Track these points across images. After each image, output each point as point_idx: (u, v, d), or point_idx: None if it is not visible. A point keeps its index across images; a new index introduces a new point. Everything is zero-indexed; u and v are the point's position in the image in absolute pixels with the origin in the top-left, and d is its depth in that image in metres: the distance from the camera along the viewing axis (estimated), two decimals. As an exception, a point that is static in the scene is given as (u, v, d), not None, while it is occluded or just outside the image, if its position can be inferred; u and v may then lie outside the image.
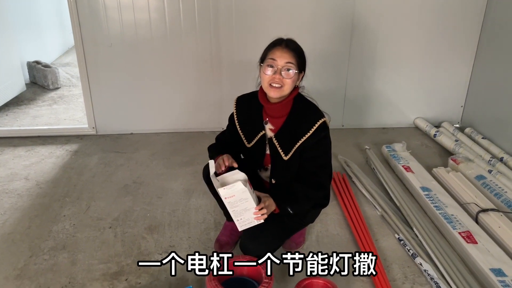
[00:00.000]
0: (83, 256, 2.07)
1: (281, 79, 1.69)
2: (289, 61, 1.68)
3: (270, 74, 1.70)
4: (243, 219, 1.65)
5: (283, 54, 1.69)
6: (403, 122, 3.61)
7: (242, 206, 1.62)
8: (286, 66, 1.69)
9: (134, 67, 3.27)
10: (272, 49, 1.72)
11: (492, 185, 2.49)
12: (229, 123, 1.98)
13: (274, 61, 1.69)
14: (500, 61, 3.11)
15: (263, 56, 1.76)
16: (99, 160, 3.02)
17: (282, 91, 1.71)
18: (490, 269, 1.86)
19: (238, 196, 1.59)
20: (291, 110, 1.79)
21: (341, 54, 3.30)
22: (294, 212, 1.78)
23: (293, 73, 1.70)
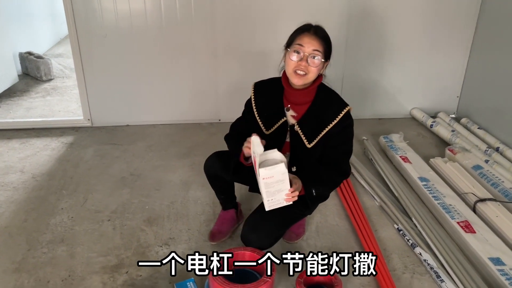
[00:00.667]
0: (82, 249, 2.05)
1: (307, 66, 1.66)
2: (316, 48, 1.65)
3: (296, 60, 1.67)
4: (274, 199, 1.62)
5: (311, 41, 1.65)
6: (399, 113, 3.62)
7: (277, 187, 1.60)
8: (313, 54, 1.66)
9: (130, 58, 3.23)
10: (300, 34, 1.68)
11: (489, 175, 2.50)
12: (245, 109, 1.93)
13: (301, 47, 1.66)
14: (496, 52, 3.11)
15: (290, 41, 1.72)
16: (95, 152, 2.99)
17: (306, 78, 1.69)
18: (488, 258, 1.88)
19: (277, 177, 1.57)
20: (315, 98, 1.78)
21: (338, 44, 3.27)
22: (316, 195, 1.77)
23: (319, 61, 1.67)
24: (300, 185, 1.70)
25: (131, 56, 3.22)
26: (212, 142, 3.16)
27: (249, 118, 1.90)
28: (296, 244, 2.10)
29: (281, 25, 3.14)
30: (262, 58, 3.26)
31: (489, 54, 3.21)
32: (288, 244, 2.09)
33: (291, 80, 1.73)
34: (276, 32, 3.16)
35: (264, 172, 1.54)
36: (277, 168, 1.54)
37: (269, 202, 1.63)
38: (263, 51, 3.25)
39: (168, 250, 2.05)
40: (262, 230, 1.79)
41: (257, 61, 3.29)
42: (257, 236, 1.80)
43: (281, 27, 3.17)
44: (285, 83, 1.79)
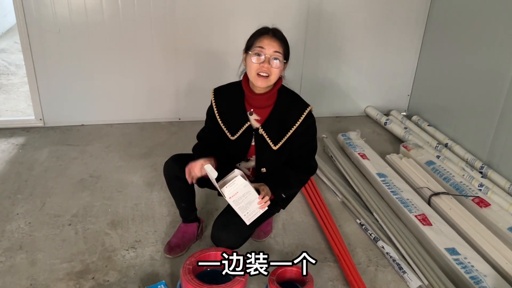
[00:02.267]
0: (43, 256, 1.97)
1: (269, 68, 1.68)
2: (277, 50, 1.68)
3: (258, 63, 1.69)
4: (249, 212, 1.67)
5: (271, 43, 1.67)
6: (355, 111, 3.75)
7: (246, 200, 1.65)
8: (274, 55, 1.68)
9: (85, 55, 3.10)
10: (259, 37, 1.70)
11: (441, 170, 2.66)
12: (207, 117, 1.92)
13: (262, 49, 1.67)
14: (444, 53, 3.30)
15: (249, 44, 1.73)
16: (49, 153, 2.86)
17: (269, 80, 1.71)
18: (445, 248, 2.01)
19: (241, 191, 1.62)
20: (277, 100, 1.80)
21: (297, 45, 3.34)
22: (286, 196, 1.84)
23: (280, 63, 1.70)
24: (268, 189, 1.74)
25: (87, 53, 3.10)
26: (173, 141, 3.12)
27: (212, 126, 1.89)
28: (264, 242, 2.14)
29: (240, 26, 3.17)
30: (222, 57, 3.26)
31: (437, 55, 3.40)
32: (256, 243, 2.12)
33: (255, 83, 1.74)
34: (235, 32, 3.18)
35: (227, 190, 1.61)
36: (236, 182, 1.61)
37: (246, 216, 1.68)
38: (223, 50, 3.25)
39: (135, 254, 2.01)
40: (232, 229, 1.79)
41: (217, 60, 3.28)
42: (228, 235, 1.80)
43: (239, 28, 3.21)
44: (246, 88, 1.80)
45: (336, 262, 2.01)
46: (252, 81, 1.75)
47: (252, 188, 1.65)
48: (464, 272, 1.86)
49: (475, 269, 1.88)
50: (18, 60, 4.69)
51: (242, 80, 1.82)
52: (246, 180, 1.63)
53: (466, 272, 1.86)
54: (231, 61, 3.23)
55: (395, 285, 1.89)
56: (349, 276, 1.86)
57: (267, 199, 1.68)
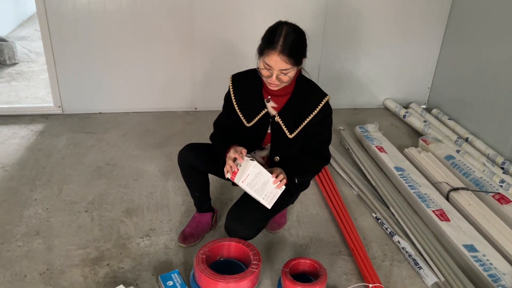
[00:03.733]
0: (60, 242, 2.00)
1: (279, 79, 1.65)
2: (284, 68, 1.61)
3: (267, 76, 1.66)
4: (267, 194, 1.65)
5: (278, 62, 1.59)
6: (373, 103, 3.68)
7: (260, 181, 1.63)
8: (282, 72, 1.63)
9: (103, 43, 3.11)
10: (267, 50, 1.60)
11: (460, 165, 2.60)
12: (224, 103, 1.89)
13: (268, 66, 1.62)
14: (466, 45, 3.21)
15: (260, 51, 1.66)
16: (67, 141, 2.89)
17: (280, 86, 1.70)
18: (463, 245, 1.96)
19: (252, 172, 1.61)
20: (295, 89, 1.77)
21: (315, 35, 3.29)
22: (299, 182, 1.84)
23: (291, 74, 1.65)
24: (281, 170, 1.72)
25: (105, 42, 3.11)
26: (189, 131, 3.12)
27: (230, 113, 1.87)
28: (278, 234, 2.12)
29: (257, 15, 3.13)
30: (238, 47, 3.23)
31: (459, 47, 3.31)
32: (270, 234, 2.11)
33: (268, 86, 1.72)
34: (252, 22, 3.15)
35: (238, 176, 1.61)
36: (247, 165, 1.60)
37: (264, 199, 1.66)
38: (239, 40, 3.22)
39: (149, 242, 2.02)
40: (246, 220, 1.79)
41: (234, 50, 3.25)
42: (242, 226, 1.79)
43: (256, 17, 3.17)
44: None
45: (350, 256, 1.99)
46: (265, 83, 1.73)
47: (263, 168, 1.63)
48: (482, 269, 1.82)
49: (494, 267, 1.84)
50: (39, 47, 4.74)
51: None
52: (254, 161, 1.61)
53: (484, 270, 1.81)
54: (247, 50, 3.18)
55: (411, 281, 1.86)
56: (364, 270, 1.84)
57: (282, 178, 1.66)
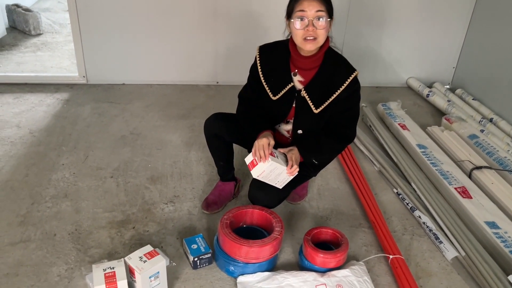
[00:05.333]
0: (87, 205, 2.06)
1: (315, 30, 1.62)
2: (319, 9, 1.61)
3: (302, 28, 1.63)
4: (279, 181, 1.74)
5: (311, 3, 1.60)
6: (396, 82, 3.64)
7: (274, 173, 1.70)
8: (317, 15, 1.61)
9: (127, 15, 3.13)
10: (297, 1, 1.63)
11: (484, 144, 2.57)
12: (250, 75, 1.88)
13: (304, 13, 1.61)
14: (495, 25, 3.14)
15: (289, 11, 1.67)
16: (92, 110, 2.94)
17: (317, 42, 1.65)
18: (484, 222, 1.96)
19: (267, 169, 1.66)
20: (323, 63, 1.75)
21: (340, 12, 3.24)
22: (318, 163, 1.84)
23: (325, 22, 1.63)
24: (296, 154, 1.74)
25: (129, 14, 3.12)
26: (211, 104, 3.14)
27: (255, 85, 1.86)
28: (299, 205, 2.15)
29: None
30: (261, 20, 3.21)
31: (487, 27, 3.23)
32: (291, 205, 2.14)
33: (303, 47, 1.68)
34: None
35: (254, 171, 1.68)
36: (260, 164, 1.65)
37: (277, 184, 1.76)
38: (262, 13, 3.19)
39: (173, 208, 2.07)
40: (269, 189, 1.81)
41: (256, 23, 3.23)
42: (265, 195, 1.82)
43: None
44: (293, 49, 1.75)
45: (370, 228, 2.01)
46: (300, 46, 1.69)
47: (278, 162, 1.67)
48: (504, 246, 1.82)
49: (516, 244, 1.84)
50: (62, 19, 4.79)
51: (289, 40, 1.77)
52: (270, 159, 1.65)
53: (506, 246, 1.82)
54: (271, 23, 3.19)
55: (430, 254, 1.88)
56: (384, 242, 1.86)
57: (295, 168, 1.70)
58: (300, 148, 1.76)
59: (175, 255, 1.79)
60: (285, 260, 1.82)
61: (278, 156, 1.71)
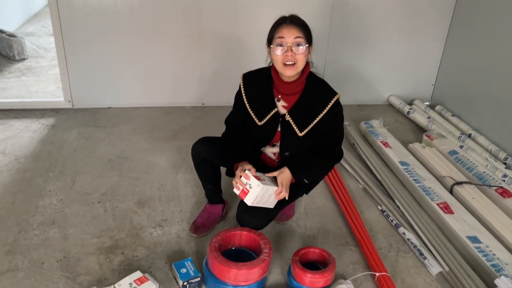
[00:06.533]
0: (75, 231, 2.06)
1: (294, 56, 1.69)
2: (297, 35, 1.69)
3: (281, 54, 1.70)
4: (271, 201, 1.80)
5: (290, 30, 1.69)
6: (378, 100, 3.74)
7: (266, 195, 1.75)
8: (295, 42, 1.69)
9: (113, 38, 3.17)
10: (278, 28, 1.72)
11: (464, 160, 2.65)
12: (235, 102, 1.94)
13: (283, 39, 1.69)
14: (470, 43, 3.26)
15: (270, 37, 1.75)
16: (78, 134, 2.95)
17: (296, 67, 1.72)
18: (466, 236, 2.02)
19: (260, 193, 1.71)
20: (305, 87, 1.82)
21: (321, 32, 3.34)
22: (309, 182, 1.89)
23: (304, 48, 1.70)
24: (287, 176, 1.80)
25: (115, 37, 3.17)
26: (197, 126, 3.17)
27: (240, 111, 1.92)
28: (286, 225, 2.18)
29: (264, 11, 3.17)
30: (246, 43, 3.28)
31: (463, 44, 3.36)
32: (279, 225, 2.17)
33: (284, 73, 1.76)
34: (259, 18, 3.19)
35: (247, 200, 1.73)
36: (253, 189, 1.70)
37: (269, 205, 1.82)
38: (247, 36, 3.27)
39: (162, 231, 2.08)
40: (257, 211, 1.84)
41: (241, 46, 3.31)
42: (253, 217, 1.85)
43: (264, 13, 3.20)
44: (275, 76, 1.82)
45: (357, 246, 2.04)
46: (280, 71, 1.77)
47: (268, 186, 1.73)
48: (486, 260, 1.88)
49: (497, 257, 1.90)
50: (47, 43, 4.81)
51: (271, 67, 1.84)
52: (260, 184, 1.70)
53: (488, 260, 1.87)
54: (255, 46, 3.25)
55: (416, 270, 1.92)
56: (370, 260, 1.90)
57: (281, 192, 1.77)
58: (291, 169, 1.81)
59: (165, 280, 1.80)
60: (274, 281, 1.84)
61: (264, 179, 1.75)
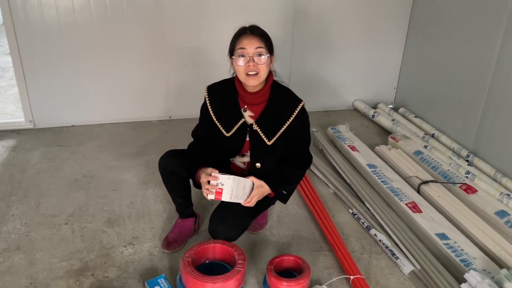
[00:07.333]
0: (42, 255, 1.98)
1: (256, 66, 1.71)
2: (258, 46, 1.70)
3: (243, 64, 1.72)
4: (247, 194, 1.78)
5: (251, 41, 1.70)
6: (343, 105, 3.81)
7: (241, 188, 1.74)
8: (257, 52, 1.70)
9: (74, 55, 3.10)
10: (238, 38, 1.73)
11: (428, 159, 2.73)
12: (201, 115, 1.94)
13: (244, 50, 1.71)
14: (428, 45, 3.38)
15: (231, 48, 1.76)
16: (41, 155, 2.86)
17: (259, 77, 1.74)
18: (435, 234, 2.07)
19: (234, 186, 1.71)
20: (270, 96, 1.83)
21: (285, 41, 3.39)
22: (287, 193, 1.88)
23: (265, 57, 1.72)
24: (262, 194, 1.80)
25: (76, 54, 3.10)
26: (165, 140, 3.13)
27: (206, 123, 1.91)
28: (260, 235, 2.18)
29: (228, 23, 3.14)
30: (210, 55, 3.28)
31: (422, 48, 3.48)
32: (253, 235, 2.16)
33: (247, 83, 1.77)
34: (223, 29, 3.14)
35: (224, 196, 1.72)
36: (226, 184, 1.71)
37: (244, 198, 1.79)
38: (211, 48, 3.27)
39: (133, 250, 2.03)
40: (230, 222, 1.83)
41: (206, 58, 3.30)
42: (225, 228, 1.83)
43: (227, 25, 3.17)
44: (239, 87, 1.83)
45: (331, 251, 2.06)
46: (243, 81, 1.78)
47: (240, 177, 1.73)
48: (454, 255, 1.93)
49: (465, 252, 1.95)
50: (4, 63, 4.66)
51: (235, 78, 1.84)
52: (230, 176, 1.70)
53: (456, 256, 1.92)
54: (219, 58, 3.22)
55: (389, 271, 1.95)
56: (344, 264, 1.91)
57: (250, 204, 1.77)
58: (270, 184, 1.80)
59: (138, 299, 1.76)
60: (250, 292, 1.83)
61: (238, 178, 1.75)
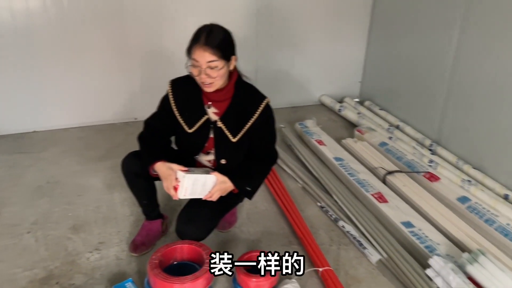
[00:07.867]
0: (3, 266, 1.92)
1: (209, 77, 1.67)
2: (210, 60, 1.64)
3: (197, 74, 1.69)
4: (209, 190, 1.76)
5: (203, 54, 1.63)
6: (310, 100, 3.84)
7: (199, 185, 1.71)
8: (208, 66, 1.65)
9: (32, 59, 3.00)
10: (193, 46, 1.66)
11: (393, 150, 2.79)
12: (161, 106, 1.88)
13: (196, 62, 1.66)
14: (390, 40, 3.45)
15: (188, 51, 1.70)
16: (2, 163, 2.76)
17: (214, 86, 1.71)
18: (401, 222, 2.11)
19: (189, 184, 1.67)
20: (234, 94, 1.80)
21: (249, 38, 3.39)
22: (252, 189, 1.86)
23: (218, 69, 1.67)
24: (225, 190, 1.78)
25: (34, 57, 3.00)
26: (130, 142, 3.02)
27: (165, 116, 1.87)
28: (229, 232, 2.17)
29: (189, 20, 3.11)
30: (173, 54, 3.24)
31: (383, 43, 3.55)
32: (223, 234, 2.15)
33: (203, 89, 1.75)
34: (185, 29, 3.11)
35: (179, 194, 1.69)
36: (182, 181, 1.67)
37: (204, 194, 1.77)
38: (174, 47, 3.22)
39: (99, 255, 1.99)
40: (197, 221, 1.81)
41: (169, 57, 3.26)
42: (193, 228, 1.81)
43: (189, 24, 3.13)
44: None
45: (300, 245, 2.07)
46: (201, 87, 1.76)
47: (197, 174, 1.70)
48: (419, 242, 1.97)
49: (429, 239, 2.00)
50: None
51: None
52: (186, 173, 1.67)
53: (421, 242, 1.97)
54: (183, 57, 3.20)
55: (358, 261, 1.98)
56: (313, 256, 1.93)
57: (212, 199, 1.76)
58: (233, 180, 1.79)
59: (106, 305, 1.72)
60: (220, 291, 1.82)
61: (194, 171, 1.73)
